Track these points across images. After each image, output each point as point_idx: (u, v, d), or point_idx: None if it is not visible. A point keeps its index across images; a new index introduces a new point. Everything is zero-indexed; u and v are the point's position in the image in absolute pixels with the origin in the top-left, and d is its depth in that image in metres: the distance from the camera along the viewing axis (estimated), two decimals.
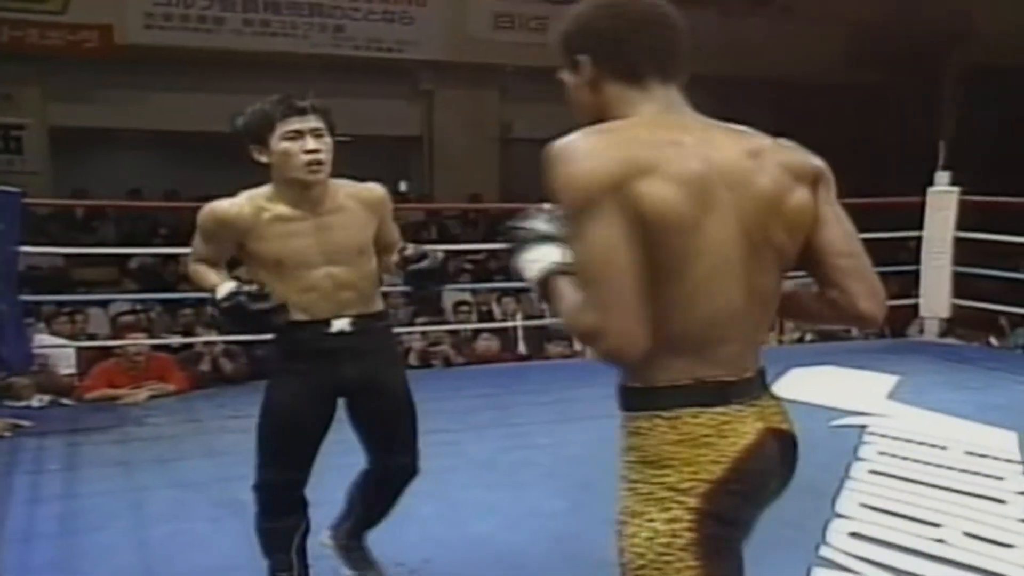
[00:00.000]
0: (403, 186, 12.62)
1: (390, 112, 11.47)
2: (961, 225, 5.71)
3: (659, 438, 1.33)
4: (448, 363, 5.91)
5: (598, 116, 1.37)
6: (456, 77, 11.32)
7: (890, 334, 6.73)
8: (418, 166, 12.28)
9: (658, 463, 1.33)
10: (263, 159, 2.21)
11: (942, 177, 5.75)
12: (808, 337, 6.71)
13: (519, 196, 8.63)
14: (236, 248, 2.28)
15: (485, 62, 11.11)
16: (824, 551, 2.79)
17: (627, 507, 1.35)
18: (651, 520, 1.32)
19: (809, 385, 4.78)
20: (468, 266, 8.92)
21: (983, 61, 10.78)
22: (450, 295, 7.46)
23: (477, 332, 6.32)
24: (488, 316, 7.06)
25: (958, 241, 5.77)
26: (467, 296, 7.36)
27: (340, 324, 2.29)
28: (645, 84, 1.36)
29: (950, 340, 6.18)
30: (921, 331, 6.22)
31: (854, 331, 7.34)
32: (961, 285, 6.09)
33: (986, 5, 10.07)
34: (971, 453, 3.69)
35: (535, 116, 12.20)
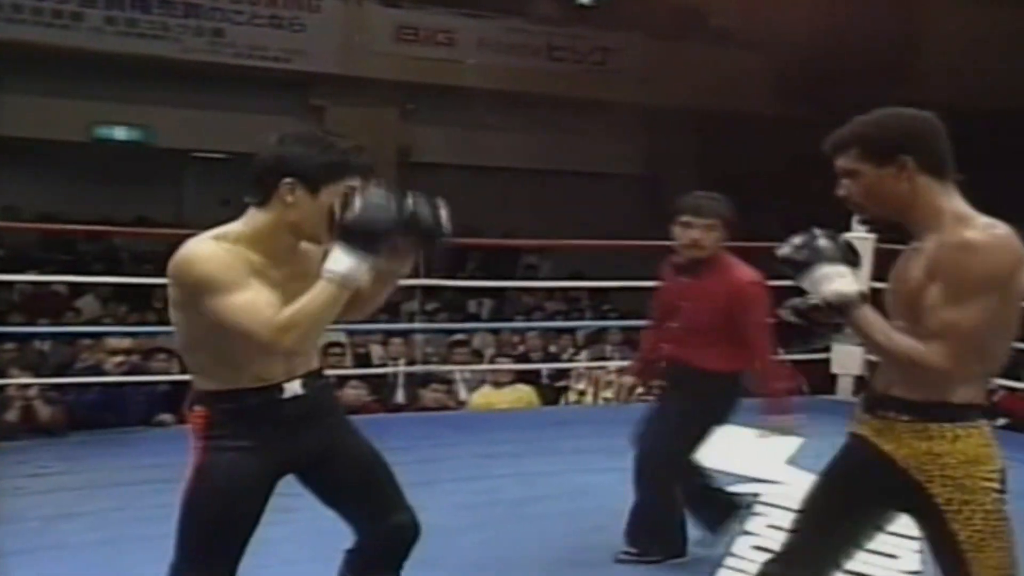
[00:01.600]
0: None
1: (276, 129, 11.14)
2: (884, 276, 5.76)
3: (976, 441, 1.90)
4: None
5: (903, 207, 1.96)
6: (351, 93, 11.19)
7: (810, 391, 6.75)
8: None
9: (976, 461, 1.89)
10: (289, 200, 1.98)
11: (858, 223, 5.78)
12: None
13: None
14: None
15: (384, 77, 11.02)
16: None
17: (955, 498, 1.88)
18: (981, 504, 1.88)
19: (708, 447, 4.70)
20: None
21: (919, 100, 11.11)
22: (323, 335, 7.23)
23: (344, 379, 6.11)
24: (365, 360, 6.85)
25: (875, 292, 5.82)
26: (341, 337, 7.15)
27: (293, 387, 2.11)
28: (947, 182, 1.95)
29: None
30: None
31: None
32: None
33: (926, 43, 10.42)
34: None
35: (438, 139, 12.20)
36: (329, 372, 6.32)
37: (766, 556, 3.24)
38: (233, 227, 2.02)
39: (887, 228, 2.07)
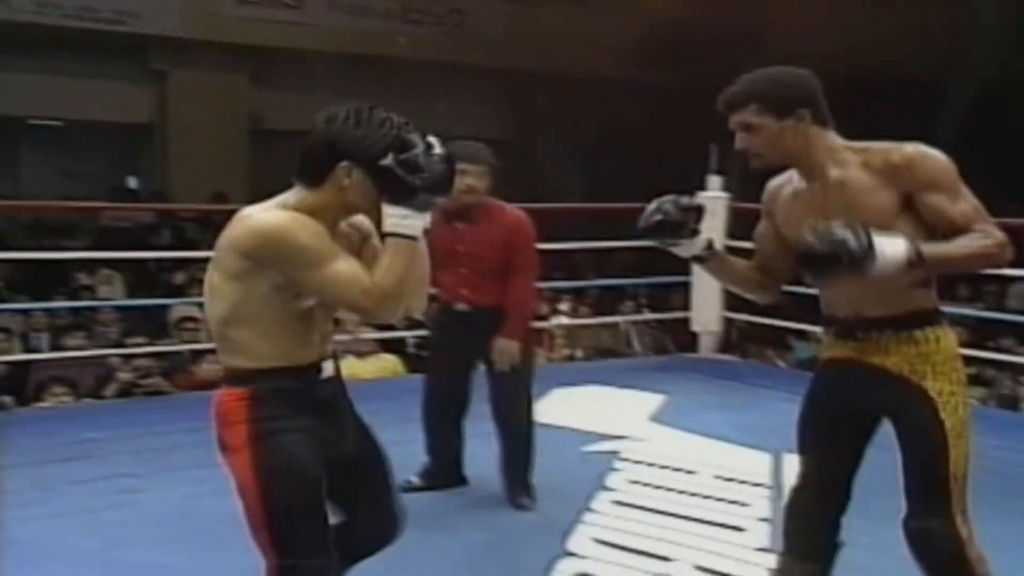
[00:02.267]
0: (131, 182, 11.97)
1: (112, 95, 10.86)
2: (748, 234, 6.02)
3: (952, 340, 2.19)
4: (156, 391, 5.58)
5: (799, 153, 2.20)
6: (196, 58, 10.87)
7: (676, 349, 7.04)
8: (150, 159, 11.69)
9: (956, 357, 2.18)
10: (346, 183, 1.96)
11: (713, 182, 6.05)
12: (579, 354, 6.90)
13: (271, 195, 8.37)
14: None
15: (231, 41, 10.74)
16: None
17: (944, 389, 2.14)
18: (963, 395, 2.16)
19: (568, 407, 4.88)
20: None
21: (774, 63, 11.58)
22: (176, 309, 7.09)
23: (199, 354, 6.03)
24: None
25: (738, 251, 6.09)
26: (196, 311, 7.02)
27: (328, 368, 2.08)
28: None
29: (725, 357, 6.52)
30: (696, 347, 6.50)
31: (635, 347, 7.67)
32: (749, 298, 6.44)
33: (783, 9, 10.83)
34: (720, 478, 3.87)
35: (290, 105, 11.95)
36: (184, 347, 6.30)
37: (626, 511, 3.47)
38: (284, 202, 1.97)
39: (775, 173, 2.32)
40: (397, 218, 1.92)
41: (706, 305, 6.11)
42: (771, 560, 3.04)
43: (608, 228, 6.80)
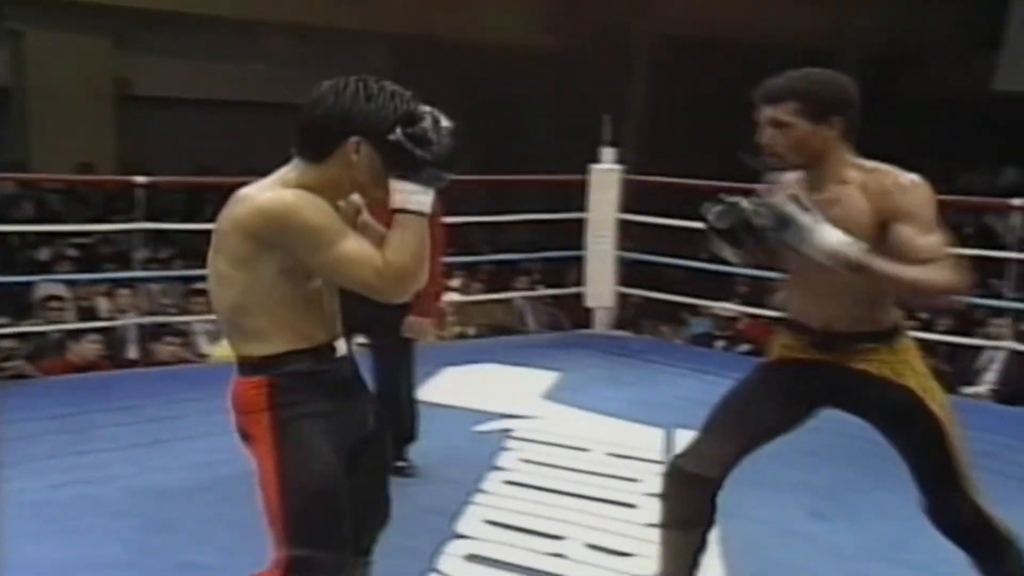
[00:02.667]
0: None
1: None
2: (648, 208, 6.10)
3: (915, 349, 2.39)
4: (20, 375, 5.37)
5: (816, 160, 2.28)
6: (55, 17, 10.39)
7: (571, 326, 7.10)
8: (7, 126, 11.17)
9: (921, 361, 2.38)
10: (354, 158, 1.90)
11: (606, 154, 6.10)
12: (471, 332, 6.90)
13: (141, 165, 8.12)
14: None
15: (93, 1, 10.31)
16: None
17: (926, 385, 2.35)
18: (940, 390, 2.37)
19: (459, 386, 4.88)
20: (72, 252, 8.24)
21: (665, 32, 11.76)
22: (40, 287, 6.84)
23: (68, 334, 5.83)
24: (91, 314, 6.54)
25: (639, 225, 6.18)
26: (62, 290, 6.77)
27: (341, 347, 2.02)
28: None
29: (620, 333, 6.61)
30: (590, 323, 6.57)
31: (529, 324, 7.72)
32: (646, 274, 6.55)
33: None
34: (613, 455, 3.92)
35: (159, 71, 11.62)
36: (49, 328, 6.07)
37: (518, 490, 3.49)
38: (286, 179, 1.92)
39: (779, 171, 2.35)
40: (407, 193, 1.89)
41: (600, 280, 6.18)
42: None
43: (502, 201, 6.81)
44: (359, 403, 2.06)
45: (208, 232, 1.97)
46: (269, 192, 1.89)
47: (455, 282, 7.74)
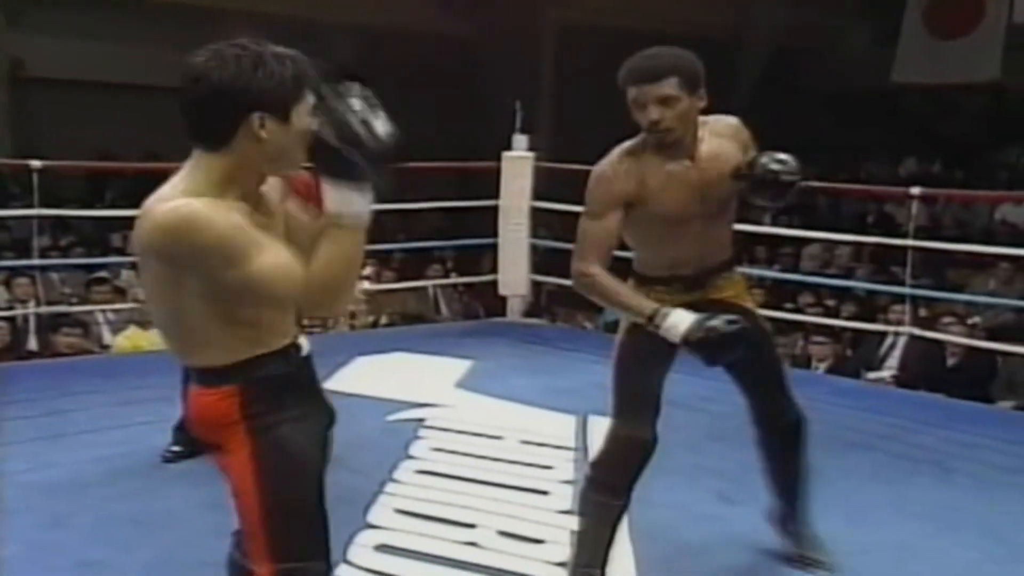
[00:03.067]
0: None
1: None
2: (561, 195, 6.13)
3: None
4: None
5: (690, 129, 2.51)
6: None
7: (484, 314, 7.12)
8: None
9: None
10: (263, 135, 1.68)
11: (519, 141, 6.12)
12: (383, 320, 6.87)
13: (37, 151, 7.85)
14: None
15: None
16: (342, 571, 2.77)
17: (754, 304, 2.82)
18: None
19: (371, 375, 4.86)
20: None
21: (572, 19, 11.84)
22: None
23: None
24: None
25: (553, 213, 6.21)
26: None
27: (305, 344, 1.89)
28: None
29: (534, 320, 6.65)
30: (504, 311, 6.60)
31: (443, 312, 7.72)
32: (560, 261, 6.57)
33: None
34: (526, 442, 3.96)
35: (60, 51, 11.24)
36: None
37: (430, 479, 3.49)
38: (189, 180, 1.70)
39: (669, 147, 2.50)
40: (337, 201, 1.66)
41: (514, 268, 6.20)
42: (573, 522, 3.16)
43: (414, 189, 6.77)
44: (323, 403, 1.94)
45: (109, 219, 1.92)
46: (170, 203, 1.66)
47: (366, 270, 7.70)
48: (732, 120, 2.62)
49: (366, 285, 7.01)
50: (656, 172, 2.50)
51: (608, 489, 2.60)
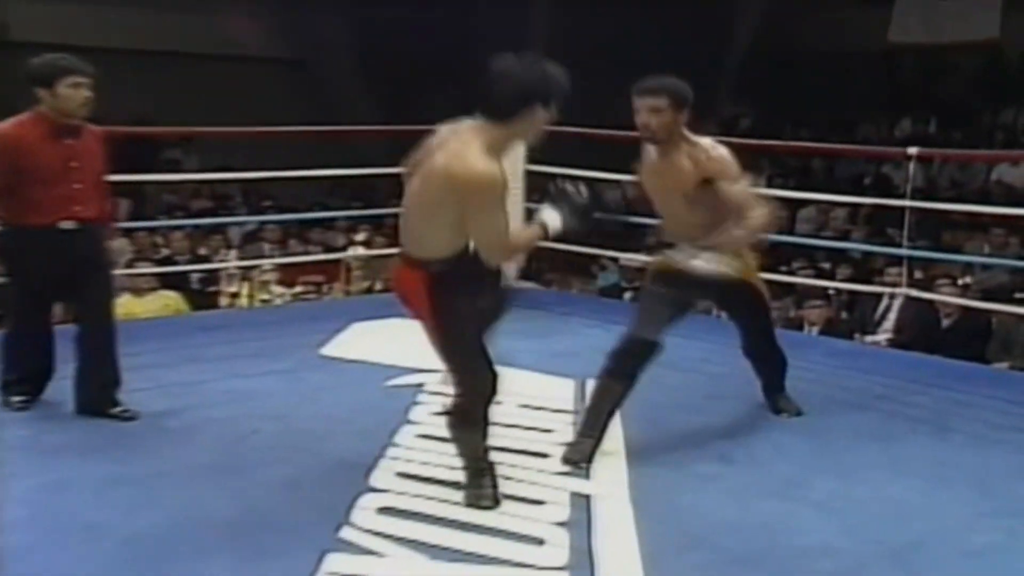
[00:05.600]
0: None
1: None
2: (555, 159, 6.14)
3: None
4: None
5: (671, 134, 3.41)
6: None
7: None
8: None
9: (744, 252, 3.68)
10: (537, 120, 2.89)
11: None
12: (378, 286, 6.91)
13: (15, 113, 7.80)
14: None
15: None
16: (345, 532, 2.84)
17: (744, 269, 3.64)
18: (756, 271, 3.80)
19: (369, 341, 4.90)
20: None
21: None
22: None
23: None
24: None
25: (547, 177, 6.21)
26: None
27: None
28: None
29: (528, 285, 6.70)
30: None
31: None
32: None
33: None
34: (525, 406, 4.01)
35: (44, 15, 11.17)
36: None
37: (431, 443, 3.54)
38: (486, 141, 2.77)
39: (655, 141, 3.43)
40: (549, 215, 2.94)
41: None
42: (572, 484, 3.23)
43: (407, 152, 6.79)
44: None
45: None
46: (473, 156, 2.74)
47: (360, 236, 7.74)
48: (707, 151, 3.42)
49: (360, 251, 7.06)
50: (648, 159, 3.54)
51: (622, 375, 3.47)
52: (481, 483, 3.04)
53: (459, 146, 2.77)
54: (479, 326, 3.07)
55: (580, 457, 3.38)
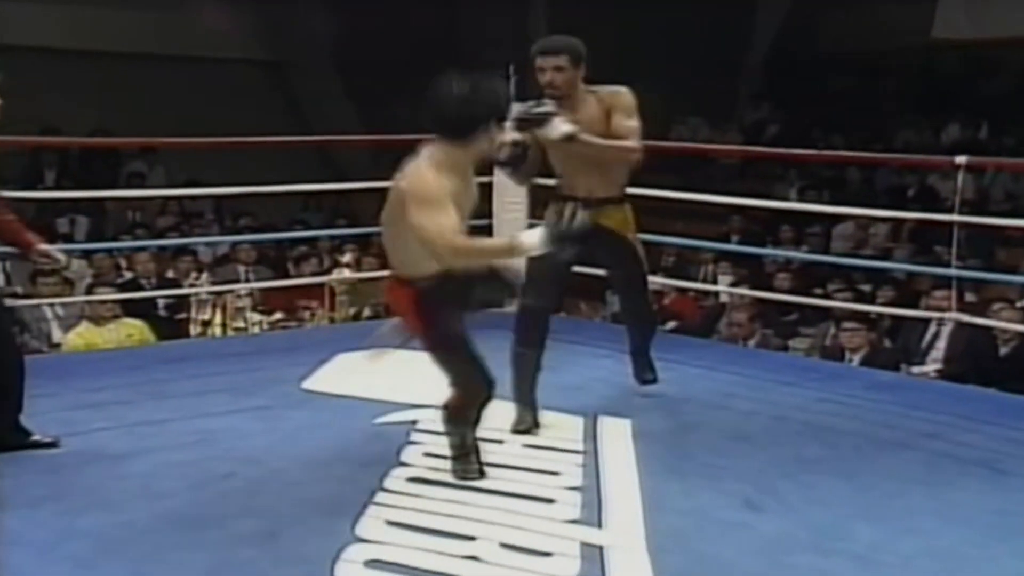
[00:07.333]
0: None
1: None
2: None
3: (629, 209, 4.45)
4: None
5: (573, 90, 4.08)
6: None
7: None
8: None
9: (632, 219, 4.49)
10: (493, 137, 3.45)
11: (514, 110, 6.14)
12: (366, 312, 6.91)
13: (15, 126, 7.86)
14: None
15: None
16: None
17: (634, 236, 4.44)
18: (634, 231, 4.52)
19: (355, 374, 4.89)
20: None
21: None
22: None
23: None
24: None
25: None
26: None
27: None
28: None
29: None
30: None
31: None
32: None
33: None
34: (530, 446, 4.00)
35: (32, 17, 11.24)
36: None
37: (425, 488, 3.54)
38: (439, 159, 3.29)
39: (559, 97, 4.00)
40: (528, 232, 3.29)
41: None
42: (582, 533, 3.21)
43: (396, 164, 6.81)
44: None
45: (55, 201, 1.95)
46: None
47: (346, 257, 7.74)
48: (612, 90, 4.12)
49: (345, 273, 7.06)
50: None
51: (529, 344, 4.22)
52: (468, 459, 3.60)
53: (413, 167, 3.30)
54: (471, 339, 3.51)
55: (527, 426, 4.12)
